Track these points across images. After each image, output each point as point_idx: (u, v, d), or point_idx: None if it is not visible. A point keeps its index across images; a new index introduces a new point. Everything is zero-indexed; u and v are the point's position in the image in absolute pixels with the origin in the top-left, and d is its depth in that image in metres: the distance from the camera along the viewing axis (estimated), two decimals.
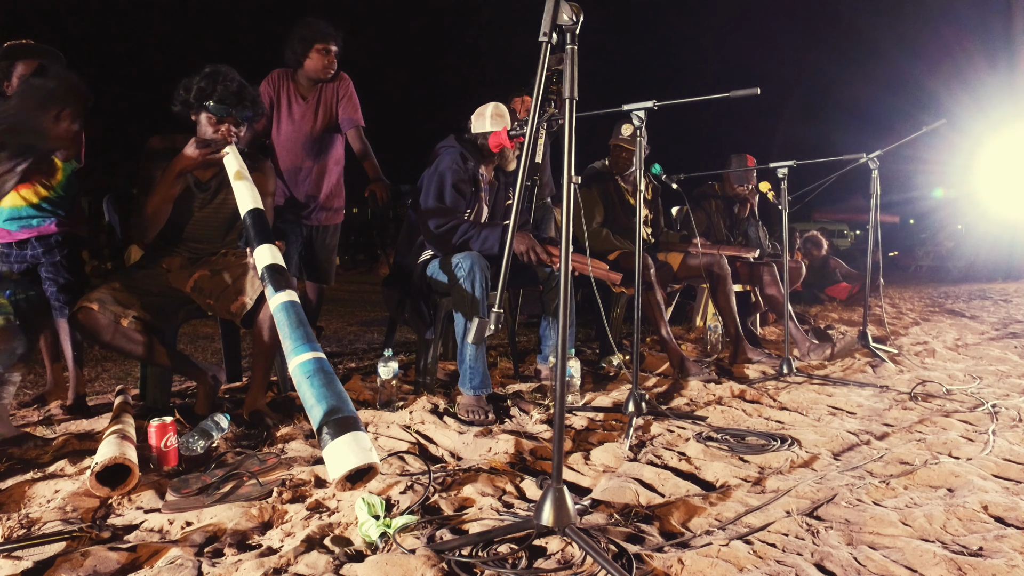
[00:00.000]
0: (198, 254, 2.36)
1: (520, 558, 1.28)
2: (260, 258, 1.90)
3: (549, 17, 1.27)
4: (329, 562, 1.26)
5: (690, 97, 2.18)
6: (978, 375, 3.00)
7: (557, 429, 1.32)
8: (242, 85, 2.21)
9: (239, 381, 2.83)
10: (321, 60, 2.96)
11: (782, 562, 1.26)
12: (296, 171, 3.04)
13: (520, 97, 3.71)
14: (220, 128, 2.20)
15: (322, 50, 2.95)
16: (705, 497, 1.60)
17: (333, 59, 3.00)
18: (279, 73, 3.04)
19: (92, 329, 2.01)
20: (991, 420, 2.23)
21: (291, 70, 3.04)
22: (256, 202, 2.05)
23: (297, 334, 1.65)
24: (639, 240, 2.30)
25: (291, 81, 3.03)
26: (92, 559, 1.26)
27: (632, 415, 2.16)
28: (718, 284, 3.50)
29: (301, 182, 3.05)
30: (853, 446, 2.00)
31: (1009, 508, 1.48)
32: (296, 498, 1.59)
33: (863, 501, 1.56)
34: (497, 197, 2.84)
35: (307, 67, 2.98)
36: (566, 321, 1.38)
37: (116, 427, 1.82)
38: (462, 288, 2.38)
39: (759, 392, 2.71)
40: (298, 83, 3.03)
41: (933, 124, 3.09)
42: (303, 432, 2.10)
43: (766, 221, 4.47)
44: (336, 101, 3.09)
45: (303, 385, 1.54)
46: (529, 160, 1.35)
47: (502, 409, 2.47)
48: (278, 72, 3.04)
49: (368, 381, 2.84)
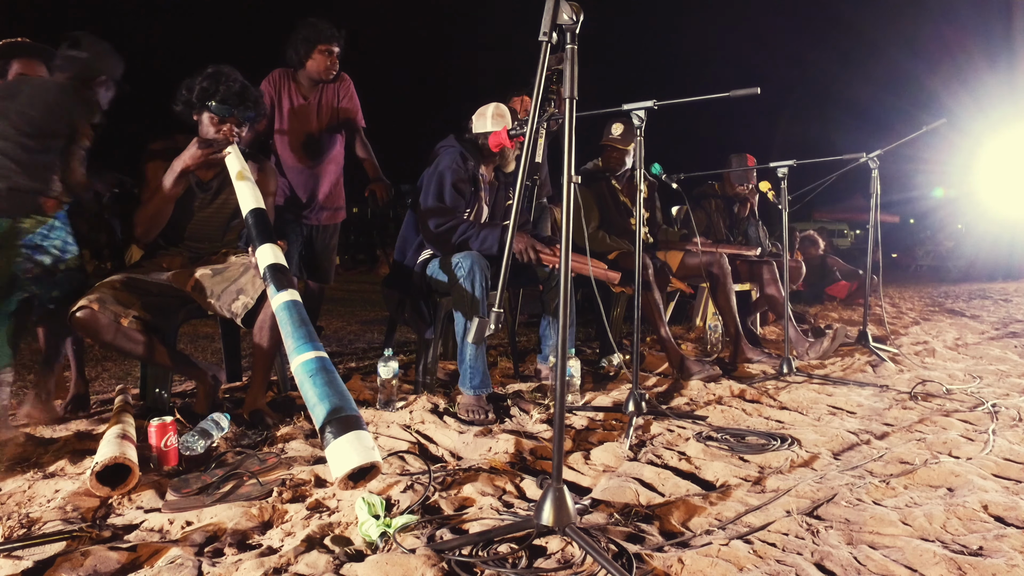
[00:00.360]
0: (199, 254, 2.36)
1: (520, 558, 1.28)
2: (262, 258, 1.90)
3: (549, 17, 1.27)
4: (329, 562, 1.26)
5: (690, 97, 2.18)
6: (978, 374, 3.00)
7: (557, 429, 1.32)
8: (244, 85, 2.22)
9: (239, 381, 2.83)
10: (324, 61, 2.97)
11: (782, 561, 1.26)
12: (297, 170, 3.04)
13: (520, 97, 3.72)
14: (222, 128, 2.21)
15: (325, 51, 2.96)
16: (705, 497, 1.60)
17: (335, 60, 3.00)
18: (280, 73, 3.03)
19: (92, 329, 2.01)
20: (991, 420, 2.23)
21: (292, 70, 3.04)
22: (258, 202, 2.05)
23: (299, 333, 1.66)
24: (639, 240, 2.30)
25: (292, 81, 3.03)
26: (92, 559, 1.26)
27: (632, 415, 2.16)
28: (718, 283, 3.50)
29: (302, 181, 3.05)
30: (853, 445, 2.00)
31: (1009, 507, 1.48)
32: (296, 498, 1.59)
33: (863, 501, 1.56)
34: (497, 197, 2.84)
35: (309, 67, 2.98)
36: (566, 321, 1.38)
37: (116, 427, 1.82)
38: (462, 287, 2.38)
39: (759, 392, 2.71)
40: (299, 83, 3.03)
41: (933, 123, 3.10)
42: (303, 432, 2.10)
43: (766, 221, 4.48)
44: (337, 101, 3.10)
45: (305, 384, 1.54)
46: (529, 160, 1.35)
47: (502, 409, 2.47)
48: (279, 72, 3.03)
49: (368, 381, 2.84)
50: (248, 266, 2.21)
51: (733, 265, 3.60)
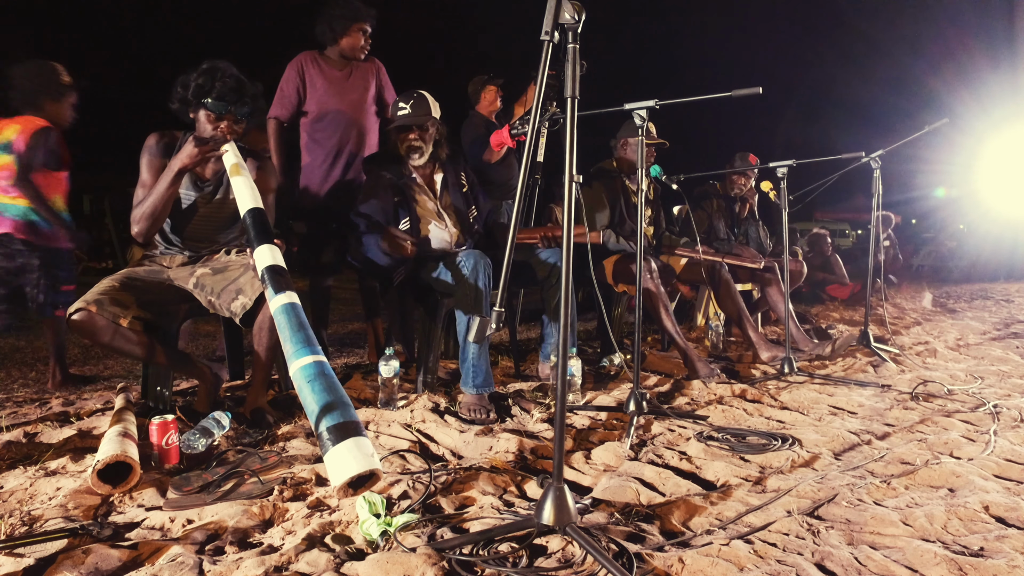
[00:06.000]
0: (199, 252, 2.36)
1: (521, 557, 1.28)
2: (260, 259, 1.87)
3: (551, 16, 1.26)
4: (330, 560, 1.26)
5: (692, 96, 2.18)
6: (980, 375, 2.99)
7: (558, 428, 1.32)
8: (240, 81, 2.19)
9: (240, 379, 2.83)
10: (359, 39, 3.09)
11: (783, 562, 1.26)
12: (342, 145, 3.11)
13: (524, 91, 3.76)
14: (219, 125, 2.18)
15: (361, 29, 3.08)
16: (706, 496, 1.60)
17: (368, 39, 3.13)
18: (306, 55, 3.11)
19: (90, 331, 1.99)
20: (992, 420, 2.23)
21: (316, 52, 3.12)
22: (256, 201, 2.03)
23: (298, 337, 1.63)
24: (639, 240, 2.29)
25: (321, 59, 3.11)
26: (94, 556, 1.26)
27: (633, 414, 2.16)
28: (721, 289, 3.49)
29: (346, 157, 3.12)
30: (854, 446, 2.00)
31: (1010, 508, 1.48)
32: (297, 496, 1.59)
33: (864, 501, 1.56)
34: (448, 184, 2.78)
35: (344, 44, 3.08)
36: (567, 320, 1.38)
37: (117, 425, 1.83)
38: (464, 286, 2.38)
39: (760, 391, 2.71)
40: (329, 60, 3.12)
41: (935, 123, 3.09)
42: (304, 430, 2.10)
43: (767, 220, 4.48)
44: (377, 83, 3.21)
45: (304, 389, 1.52)
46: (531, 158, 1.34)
47: (503, 408, 2.47)
48: (304, 55, 3.11)
49: (369, 379, 2.84)
50: (248, 266, 2.20)
51: (734, 269, 3.59)
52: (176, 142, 2.24)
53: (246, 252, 2.32)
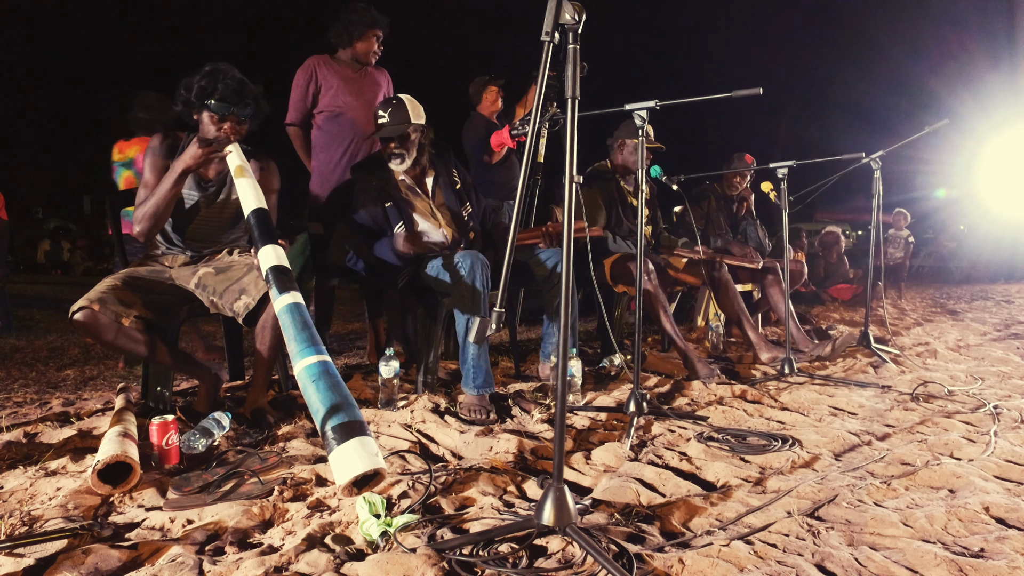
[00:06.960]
0: (201, 252, 2.36)
1: (521, 557, 1.28)
2: (264, 259, 1.89)
3: (551, 16, 1.26)
4: (330, 560, 1.26)
5: (692, 97, 2.18)
6: (980, 376, 2.99)
7: (558, 428, 1.32)
8: (243, 82, 2.21)
9: (240, 379, 2.84)
10: (373, 44, 3.17)
11: (783, 562, 1.26)
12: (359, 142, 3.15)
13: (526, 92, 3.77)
14: (222, 127, 2.20)
15: (375, 35, 3.16)
16: (706, 497, 1.60)
17: (381, 45, 3.22)
18: (316, 59, 3.15)
19: (93, 329, 2.00)
20: (993, 421, 2.23)
21: (327, 55, 3.18)
22: (260, 201, 2.04)
23: (302, 337, 1.65)
24: (640, 240, 2.29)
25: (333, 61, 3.17)
26: (94, 557, 1.26)
27: (633, 415, 2.16)
28: (721, 290, 3.49)
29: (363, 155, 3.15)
30: (854, 447, 2.00)
31: (1011, 509, 1.48)
32: (297, 496, 1.59)
33: (864, 502, 1.56)
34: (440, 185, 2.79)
35: (358, 48, 3.15)
36: (567, 320, 1.38)
37: (118, 425, 1.83)
38: (463, 287, 2.38)
39: (760, 392, 2.70)
40: (341, 62, 3.18)
41: (936, 124, 3.09)
42: (304, 430, 2.10)
43: (767, 221, 4.48)
44: (385, 84, 3.29)
45: (308, 389, 1.53)
46: (531, 159, 1.34)
47: (503, 408, 2.47)
48: (314, 58, 3.15)
49: (369, 380, 2.84)
50: (251, 266, 2.21)
51: (734, 269, 3.59)
52: (180, 143, 2.25)
53: (248, 252, 2.33)
